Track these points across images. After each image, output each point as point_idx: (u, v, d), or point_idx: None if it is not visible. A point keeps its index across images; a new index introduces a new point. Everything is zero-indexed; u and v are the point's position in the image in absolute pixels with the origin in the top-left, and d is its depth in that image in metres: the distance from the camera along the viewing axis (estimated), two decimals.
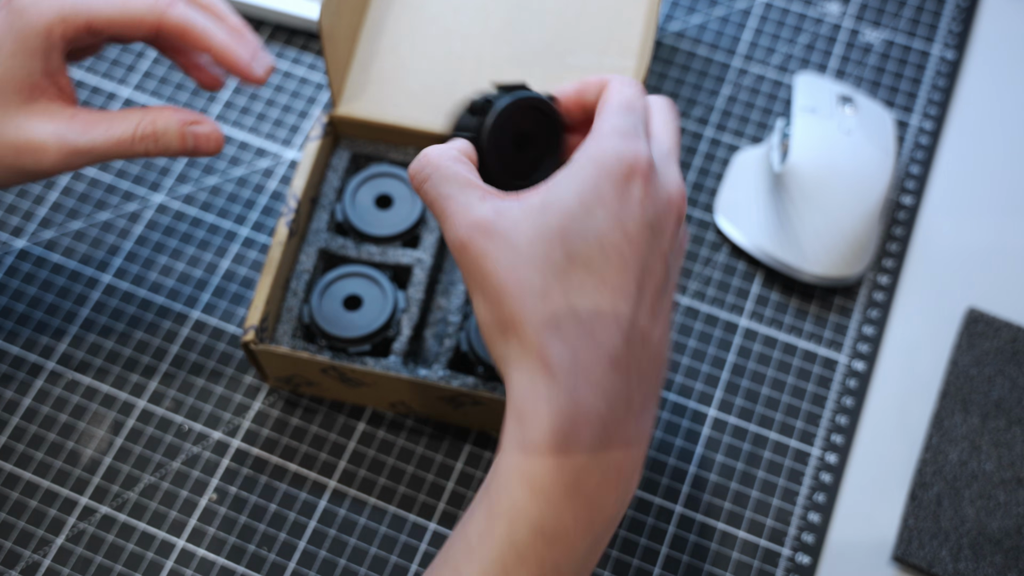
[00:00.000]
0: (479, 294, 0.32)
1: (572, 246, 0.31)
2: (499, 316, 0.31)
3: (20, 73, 0.37)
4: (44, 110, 0.37)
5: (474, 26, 0.54)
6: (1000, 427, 0.50)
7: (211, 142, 0.38)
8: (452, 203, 0.33)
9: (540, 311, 0.31)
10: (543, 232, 0.31)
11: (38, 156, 0.37)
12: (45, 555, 0.47)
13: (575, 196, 0.31)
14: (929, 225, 0.56)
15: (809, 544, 0.48)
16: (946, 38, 0.61)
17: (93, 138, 0.37)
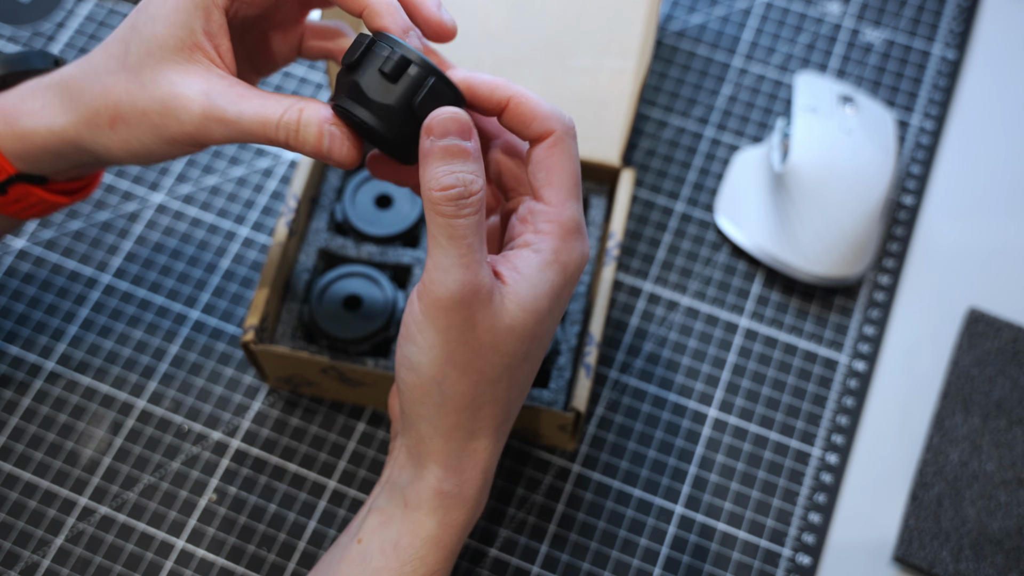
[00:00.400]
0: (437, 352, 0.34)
1: (531, 347, 0.35)
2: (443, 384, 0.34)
3: (181, 31, 0.35)
4: (200, 72, 0.35)
5: (474, 27, 0.54)
6: (1001, 427, 0.50)
7: (345, 149, 0.35)
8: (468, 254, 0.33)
9: (485, 398, 0.35)
10: (520, 331, 0.34)
11: (181, 115, 0.35)
12: (44, 555, 0.46)
13: (548, 301, 0.34)
14: (930, 225, 0.56)
15: (810, 545, 0.48)
16: (947, 38, 0.61)
17: (241, 110, 0.35)
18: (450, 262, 0.33)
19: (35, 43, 0.59)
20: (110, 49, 0.37)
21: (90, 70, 0.37)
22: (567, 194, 0.35)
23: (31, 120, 0.38)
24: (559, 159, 0.35)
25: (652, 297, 0.53)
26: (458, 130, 0.33)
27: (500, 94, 0.35)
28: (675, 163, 0.57)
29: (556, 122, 0.35)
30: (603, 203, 0.51)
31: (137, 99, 0.36)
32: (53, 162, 0.39)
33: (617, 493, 0.49)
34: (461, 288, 0.33)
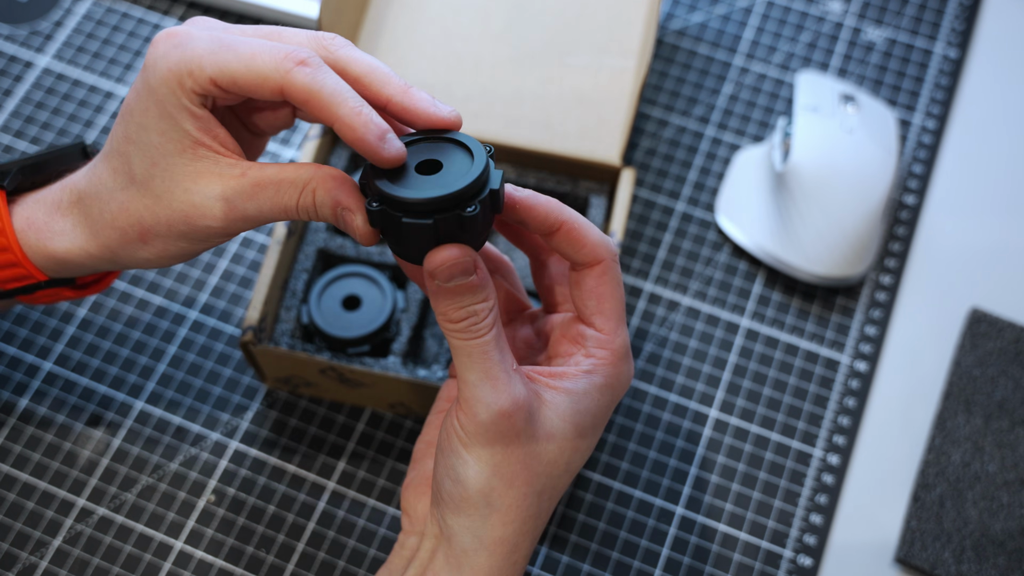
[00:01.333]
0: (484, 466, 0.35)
1: (572, 459, 0.36)
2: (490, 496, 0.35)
3: (176, 134, 0.34)
4: (210, 170, 0.35)
5: (474, 26, 0.53)
6: (1003, 428, 0.50)
7: (359, 233, 0.34)
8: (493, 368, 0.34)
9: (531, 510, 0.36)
10: (562, 443, 0.35)
11: (207, 222, 0.35)
12: (42, 557, 0.46)
13: (592, 418, 0.36)
14: (932, 225, 0.56)
15: (811, 546, 0.48)
16: (949, 36, 0.60)
17: (260, 205, 0.35)
18: (479, 379, 0.34)
19: (32, 42, 0.59)
20: (112, 163, 0.37)
21: (101, 188, 0.37)
22: (617, 321, 0.37)
23: (63, 241, 0.38)
24: (609, 288, 0.36)
25: (653, 297, 0.53)
26: (462, 271, 0.34)
27: (554, 218, 0.36)
28: (676, 162, 0.57)
29: (605, 250, 0.36)
30: (603, 203, 0.51)
31: (159, 214, 0.36)
32: (85, 272, 0.40)
33: (617, 494, 0.48)
34: (499, 405, 0.34)
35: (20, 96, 0.57)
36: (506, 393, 0.34)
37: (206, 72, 0.34)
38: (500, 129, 0.51)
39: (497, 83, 0.52)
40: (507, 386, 0.34)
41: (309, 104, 0.33)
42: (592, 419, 0.36)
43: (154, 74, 0.34)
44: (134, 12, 0.60)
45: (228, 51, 0.33)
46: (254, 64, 0.33)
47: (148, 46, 0.34)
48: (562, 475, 0.36)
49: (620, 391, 0.37)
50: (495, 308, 0.34)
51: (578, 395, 0.35)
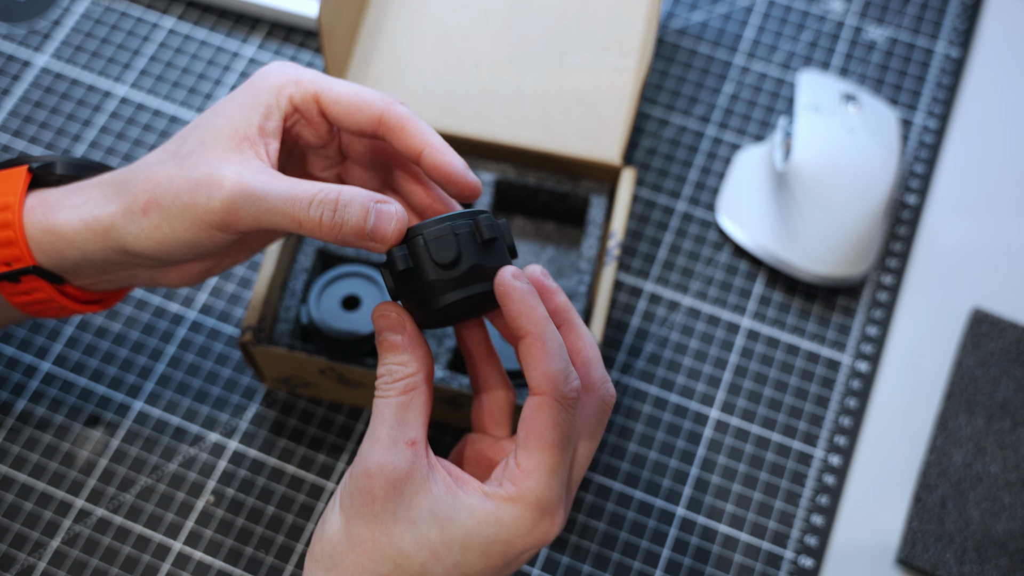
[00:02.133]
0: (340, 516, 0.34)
1: (427, 566, 0.33)
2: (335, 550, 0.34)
3: (238, 123, 0.36)
4: (241, 160, 0.35)
5: (474, 25, 0.53)
6: (1005, 428, 0.50)
7: (392, 223, 0.34)
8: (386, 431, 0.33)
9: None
10: (420, 538, 0.33)
11: (212, 190, 0.34)
12: (40, 558, 0.46)
13: (464, 548, 0.33)
14: (933, 224, 0.55)
15: (812, 547, 0.48)
16: (951, 35, 0.60)
17: (269, 188, 0.34)
18: (368, 434, 0.34)
19: (31, 41, 0.59)
20: (169, 146, 0.38)
21: (143, 165, 0.38)
22: (537, 464, 0.33)
23: (68, 214, 0.37)
24: (539, 424, 0.33)
25: (653, 297, 0.53)
26: (388, 326, 0.35)
27: (524, 322, 0.33)
28: (676, 162, 0.57)
29: (548, 385, 0.33)
30: (604, 202, 0.51)
31: (174, 180, 0.36)
32: (77, 260, 0.38)
33: (618, 495, 0.48)
34: (365, 463, 0.33)
35: (18, 95, 0.57)
36: (377, 455, 0.33)
37: (313, 87, 0.37)
38: (500, 129, 0.51)
39: (497, 82, 0.52)
40: (383, 450, 0.33)
41: (404, 130, 0.37)
42: (463, 537, 0.32)
43: (262, 77, 0.38)
44: (133, 11, 0.60)
45: (336, 81, 0.38)
46: (361, 93, 0.37)
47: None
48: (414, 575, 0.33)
49: (513, 537, 0.33)
50: (411, 379, 0.34)
51: (461, 506, 0.33)
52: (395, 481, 0.33)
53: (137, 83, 0.58)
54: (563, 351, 0.33)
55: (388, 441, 0.33)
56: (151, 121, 0.57)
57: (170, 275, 0.40)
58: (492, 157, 0.52)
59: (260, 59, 0.58)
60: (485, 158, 0.52)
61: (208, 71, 0.58)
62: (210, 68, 0.58)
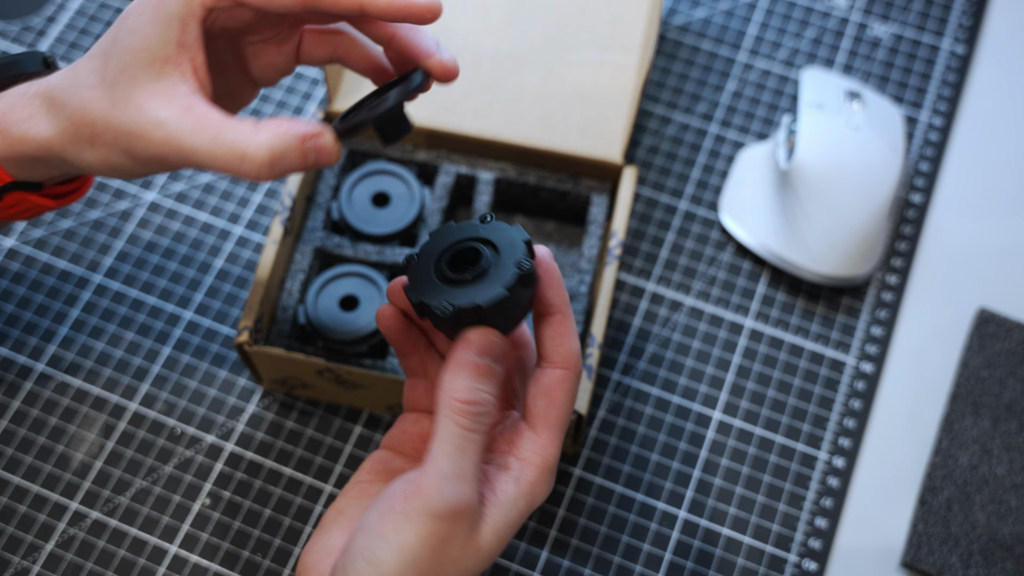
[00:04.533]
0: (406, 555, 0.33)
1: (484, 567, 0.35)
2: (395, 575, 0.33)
3: (154, 42, 0.34)
4: (166, 91, 0.34)
5: (474, 22, 0.53)
6: (1011, 430, 0.49)
7: (331, 154, 0.34)
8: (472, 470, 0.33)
9: None
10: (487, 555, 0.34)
11: (146, 141, 0.34)
12: (34, 561, 0.46)
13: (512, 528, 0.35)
14: (939, 224, 0.55)
15: (816, 550, 0.47)
16: (956, 32, 0.60)
17: (195, 143, 0.34)
18: (454, 473, 0.33)
19: (25, 37, 0.58)
20: (93, 62, 0.36)
21: (73, 82, 0.37)
22: (558, 432, 0.36)
23: (20, 128, 0.38)
24: (562, 396, 0.35)
25: (655, 297, 0.53)
26: (497, 354, 0.34)
27: (558, 300, 0.35)
28: (678, 160, 0.56)
29: (576, 360, 0.36)
30: (605, 201, 0.50)
31: (109, 119, 0.35)
32: (45, 170, 0.39)
33: (619, 497, 0.48)
34: (458, 503, 0.33)
35: None
36: (468, 495, 0.33)
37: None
38: (500, 126, 0.50)
39: (497, 80, 0.51)
40: (472, 488, 0.33)
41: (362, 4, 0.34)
42: (512, 529, 0.35)
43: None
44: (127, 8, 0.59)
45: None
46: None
47: None
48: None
49: (538, 502, 0.36)
50: (494, 410, 0.34)
51: (507, 506, 0.34)
52: (471, 518, 0.33)
53: None
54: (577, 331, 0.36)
55: (473, 480, 0.33)
56: None
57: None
58: (492, 155, 0.51)
59: None
60: (485, 156, 0.51)
61: None
62: None
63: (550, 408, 0.35)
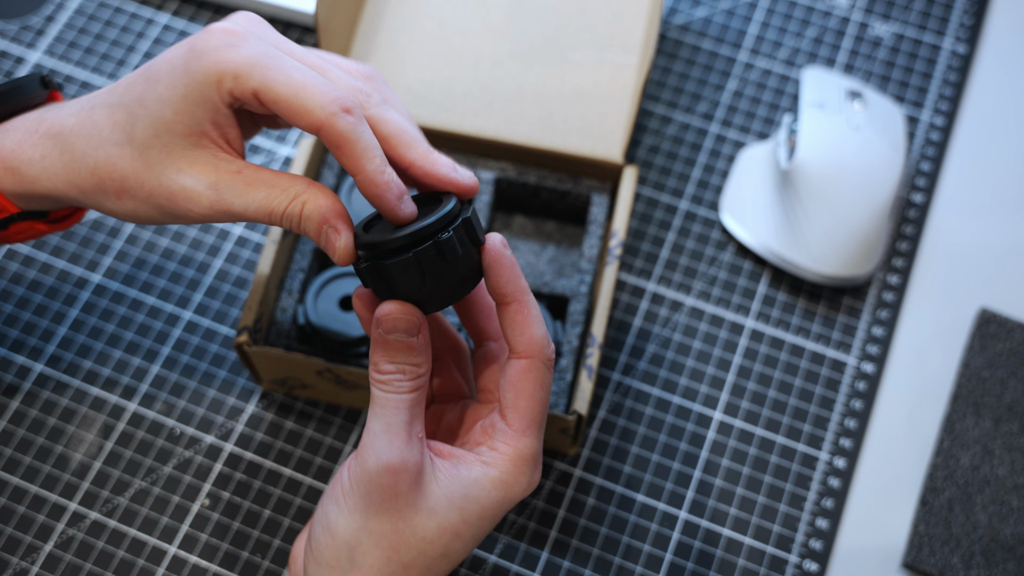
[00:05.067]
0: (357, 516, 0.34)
1: (450, 546, 0.35)
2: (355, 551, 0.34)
3: (189, 120, 0.35)
4: (207, 160, 0.36)
5: (473, 22, 0.53)
6: (1013, 431, 0.49)
7: (338, 254, 0.35)
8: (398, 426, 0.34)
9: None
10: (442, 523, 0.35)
11: (189, 205, 0.36)
12: (33, 562, 0.46)
13: (478, 511, 0.35)
14: (940, 223, 0.55)
15: (817, 551, 0.47)
16: (958, 31, 0.59)
17: (247, 203, 0.35)
18: (381, 430, 0.34)
19: (23, 37, 0.58)
20: (115, 116, 0.36)
21: (93, 133, 0.37)
22: (529, 422, 0.36)
23: (33, 169, 0.38)
24: (529, 386, 0.35)
25: (655, 297, 0.52)
26: (405, 328, 0.35)
27: (512, 289, 0.35)
28: (679, 160, 0.56)
29: (539, 349, 0.35)
30: (605, 201, 0.50)
31: (144, 181, 0.36)
32: (54, 205, 0.40)
33: (620, 498, 0.48)
34: (388, 459, 0.34)
35: None
36: (399, 450, 0.34)
37: (252, 83, 0.34)
38: (500, 126, 0.50)
39: (497, 80, 0.51)
40: (403, 444, 0.34)
41: (341, 150, 0.34)
42: (479, 510, 0.35)
43: (199, 61, 0.34)
44: (127, 7, 0.59)
45: (280, 72, 0.34)
46: (302, 94, 0.34)
47: (201, 31, 0.36)
48: (438, 559, 0.35)
49: (514, 494, 0.36)
50: (424, 377, 0.35)
51: (470, 482, 0.35)
52: (416, 476, 0.34)
53: None
54: (542, 317, 0.36)
55: (406, 437, 0.34)
56: None
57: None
58: (492, 155, 0.51)
59: None
60: (485, 156, 0.51)
61: None
62: None
63: (518, 399, 0.35)
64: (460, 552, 0.35)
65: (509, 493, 0.35)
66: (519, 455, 0.35)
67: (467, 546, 0.35)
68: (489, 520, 0.35)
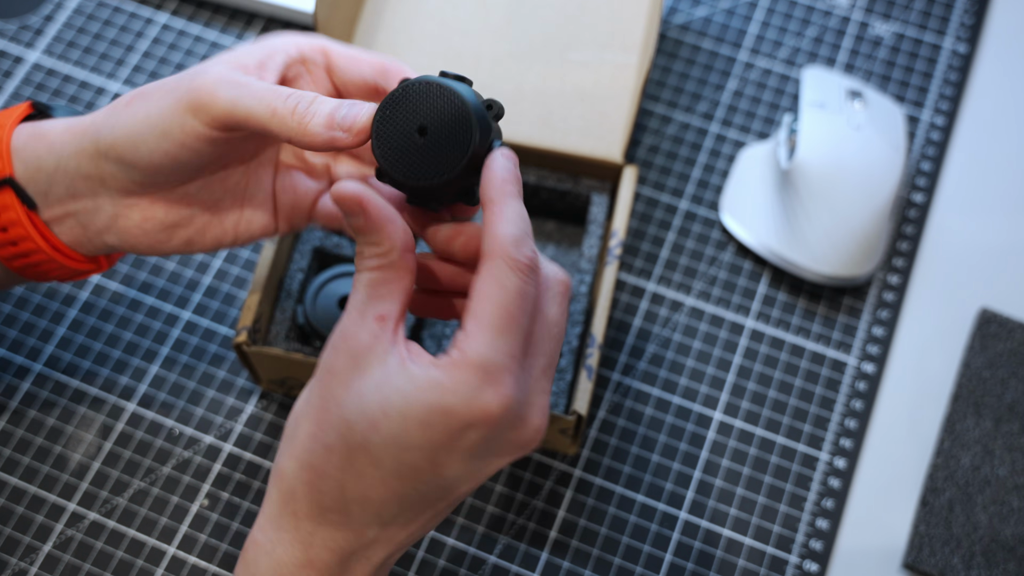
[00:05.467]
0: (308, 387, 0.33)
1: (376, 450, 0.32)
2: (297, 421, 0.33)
3: (240, 54, 0.37)
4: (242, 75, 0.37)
5: (473, 21, 0.52)
6: (1014, 431, 0.49)
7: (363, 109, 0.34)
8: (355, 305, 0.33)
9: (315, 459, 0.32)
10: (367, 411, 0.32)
11: (196, 77, 0.35)
12: (32, 563, 0.45)
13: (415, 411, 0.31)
14: (941, 223, 0.55)
15: (817, 551, 0.47)
16: (958, 31, 0.59)
17: (251, 80, 0.35)
18: (353, 307, 0.33)
19: (22, 36, 0.58)
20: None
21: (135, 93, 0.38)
22: (482, 325, 0.31)
23: (54, 123, 0.39)
24: (487, 288, 0.31)
25: (655, 297, 0.52)
26: (348, 210, 0.33)
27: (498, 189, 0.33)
28: (679, 160, 0.56)
29: (499, 245, 0.32)
30: (605, 201, 0.50)
31: (167, 80, 0.37)
32: (51, 170, 0.38)
33: (619, 498, 0.48)
34: (338, 333, 0.32)
35: (10, 92, 0.56)
36: (342, 325, 0.32)
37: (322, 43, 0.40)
38: (500, 126, 0.50)
39: (497, 79, 0.51)
40: (350, 322, 0.32)
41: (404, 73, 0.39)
42: (403, 405, 0.31)
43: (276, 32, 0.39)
44: (126, 6, 0.59)
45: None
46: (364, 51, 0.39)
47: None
48: (357, 449, 0.31)
49: (451, 402, 0.31)
50: (387, 257, 0.32)
51: (407, 376, 0.31)
52: (355, 353, 0.32)
53: (130, 80, 0.57)
54: (524, 225, 0.32)
55: (357, 315, 0.32)
56: None
57: (129, 218, 0.39)
58: None
59: None
60: None
61: None
62: None
63: (474, 301, 0.32)
64: (382, 453, 0.31)
65: (445, 399, 0.31)
66: (464, 360, 0.31)
67: (388, 449, 0.31)
68: (415, 423, 0.31)
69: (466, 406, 0.31)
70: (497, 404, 0.31)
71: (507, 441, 0.32)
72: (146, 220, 0.39)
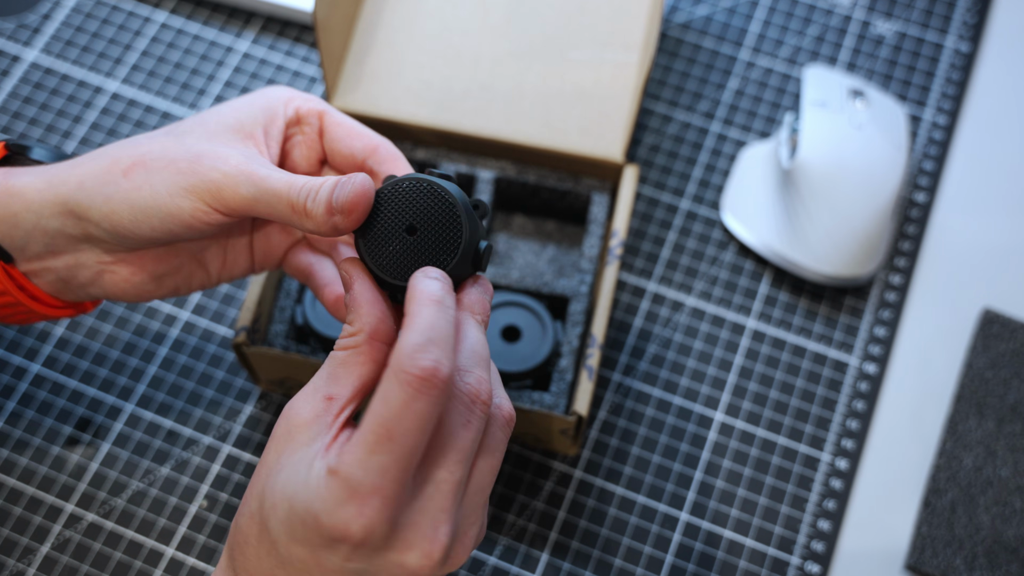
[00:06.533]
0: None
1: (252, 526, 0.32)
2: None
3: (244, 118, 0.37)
4: (243, 150, 0.36)
5: (473, 20, 0.52)
6: (1016, 432, 0.49)
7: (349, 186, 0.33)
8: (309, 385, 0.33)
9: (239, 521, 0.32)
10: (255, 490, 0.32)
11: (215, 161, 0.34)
12: (30, 564, 0.45)
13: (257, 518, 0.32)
14: (943, 223, 0.54)
15: (819, 553, 0.47)
16: (960, 30, 0.59)
17: (271, 172, 0.34)
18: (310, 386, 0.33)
19: (20, 35, 0.58)
20: (160, 129, 0.38)
21: (127, 140, 0.37)
22: (359, 443, 0.29)
23: (31, 177, 0.36)
24: (373, 401, 0.29)
25: (656, 297, 0.52)
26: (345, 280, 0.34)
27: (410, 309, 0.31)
28: (680, 159, 0.56)
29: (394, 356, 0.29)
30: (606, 200, 0.50)
31: (169, 150, 0.35)
32: (29, 228, 0.36)
33: (620, 499, 0.47)
34: (288, 404, 0.33)
35: (7, 91, 0.56)
36: (293, 399, 0.32)
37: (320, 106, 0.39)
38: (500, 125, 0.50)
39: (497, 78, 0.51)
40: (301, 396, 0.32)
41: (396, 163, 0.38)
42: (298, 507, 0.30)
43: (273, 87, 0.39)
44: (124, 5, 0.59)
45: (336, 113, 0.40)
46: (361, 125, 0.40)
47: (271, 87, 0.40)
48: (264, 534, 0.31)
49: (323, 518, 0.29)
50: (354, 338, 0.32)
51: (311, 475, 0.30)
52: (293, 426, 0.32)
53: (128, 78, 0.57)
54: (436, 332, 0.29)
55: (311, 388, 0.32)
56: (143, 117, 0.56)
57: (116, 273, 0.38)
58: (491, 154, 0.51)
59: (254, 54, 0.57)
60: (484, 155, 0.51)
61: (201, 66, 0.57)
62: (203, 63, 0.57)
63: (365, 413, 0.30)
64: (277, 537, 0.30)
65: (314, 505, 0.29)
66: (335, 469, 0.29)
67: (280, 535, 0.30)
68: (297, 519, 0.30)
69: (328, 518, 0.29)
70: (358, 525, 0.29)
71: (389, 565, 0.30)
72: (134, 274, 0.38)
